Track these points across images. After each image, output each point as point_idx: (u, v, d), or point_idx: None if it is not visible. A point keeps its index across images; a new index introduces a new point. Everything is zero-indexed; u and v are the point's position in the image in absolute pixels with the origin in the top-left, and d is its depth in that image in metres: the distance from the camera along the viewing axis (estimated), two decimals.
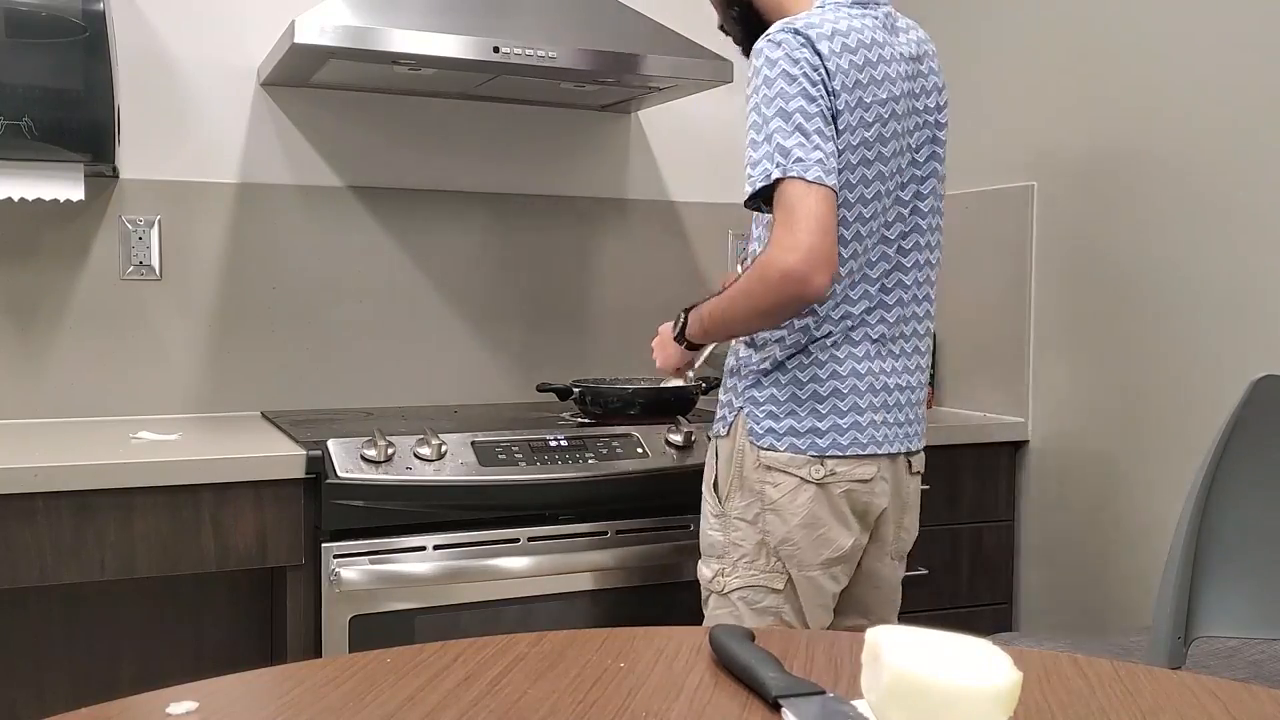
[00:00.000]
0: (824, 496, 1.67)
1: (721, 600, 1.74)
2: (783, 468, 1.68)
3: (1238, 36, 1.96)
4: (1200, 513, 1.42)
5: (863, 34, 1.63)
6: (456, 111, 2.58)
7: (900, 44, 1.69)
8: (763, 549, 1.70)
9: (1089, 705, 0.88)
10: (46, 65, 1.96)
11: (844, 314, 1.69)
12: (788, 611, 1.71)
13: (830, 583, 1.72)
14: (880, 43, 1.65)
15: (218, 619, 2.33)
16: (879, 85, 1.63)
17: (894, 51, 1.67)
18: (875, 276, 1.70)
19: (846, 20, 1.63)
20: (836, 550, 1.69)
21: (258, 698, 0.88)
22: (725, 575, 1.73)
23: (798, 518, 1.67)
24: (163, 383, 2.36)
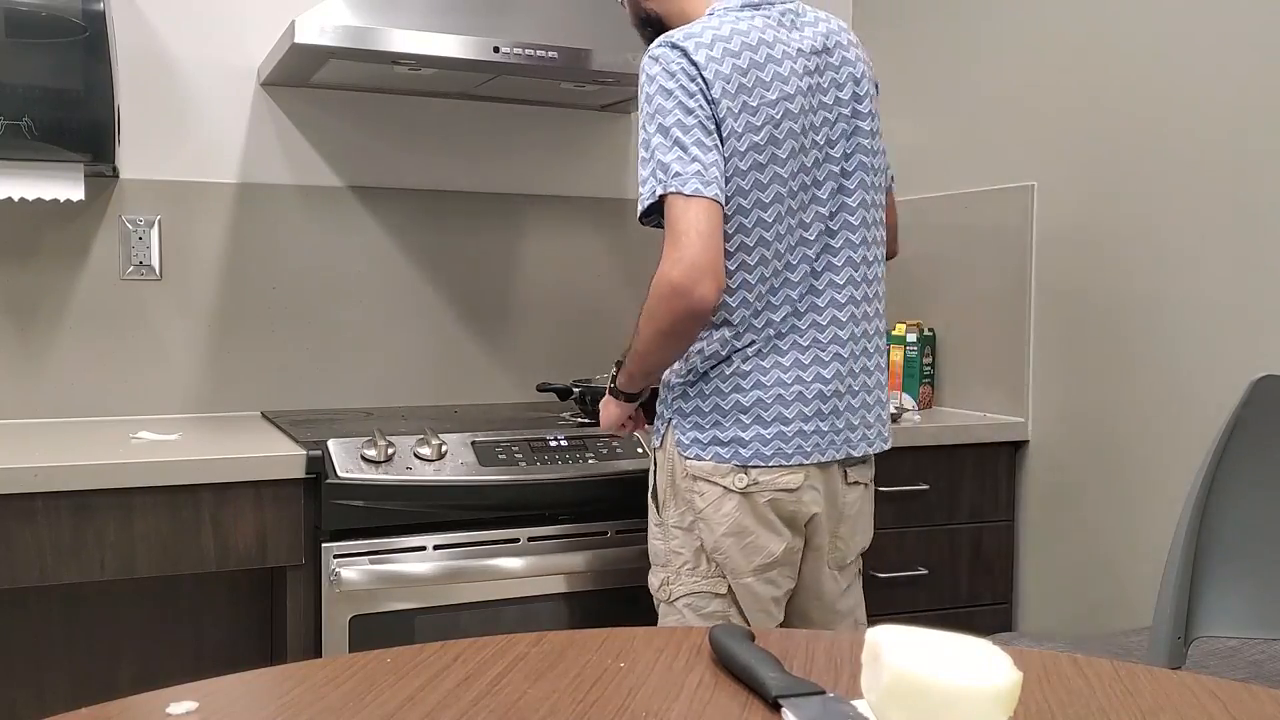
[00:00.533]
0: (748, 505, 1.66)
1: (669, 609, 1.74)
2: (707, 477, 1.67)
3: (1238, 36, 1.96)
4: (1200, 513, 1.42)
5: (748, 35, 1.62)
6: (456, 111, 2.58)
7: (800, 39, 1.66)
8: (701, 555, 1.70)
9: (1089, 705, 0.88)
10: (46, 65, 1.96)
11: (765, 321, 1.66)
12: (734, 615, 1.70)
13: (768, 588, 1.70)
14: (770, 42, 1.63)
15: (218, 619, 2.33)
16: (767, 86, 1.61)
17: (790, 49, 1.64)
18: (796, 280, 1.66)
19: (731, 25, 1.62)
20: (768, 556, 1.68)
21: (258, 698, 0.88)
22: (670, 584, 1.74)
23: (724, 526, 1.67)
24: (163, 383, 2.36)
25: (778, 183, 1.63)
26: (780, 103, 1.62)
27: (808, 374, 1.67)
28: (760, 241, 1.63)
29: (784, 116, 1.62)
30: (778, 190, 1.63)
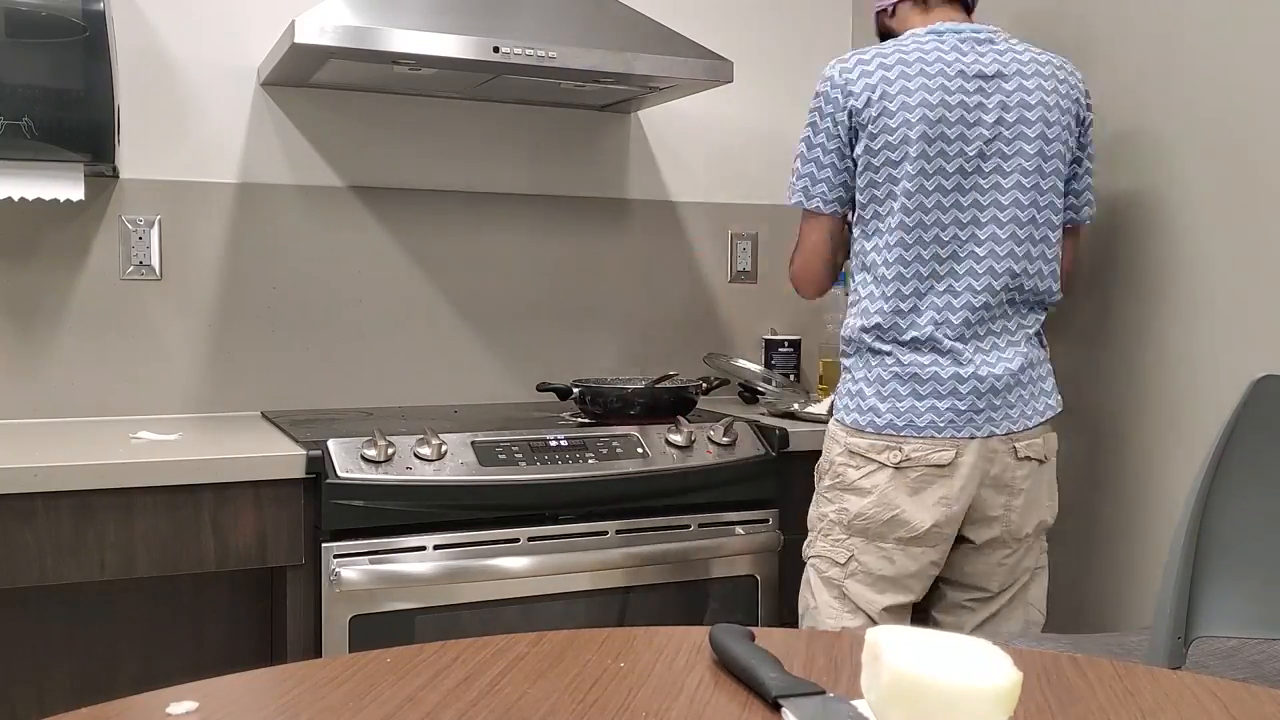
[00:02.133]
0: (901, 479, 1.82)
1: (806, 567, 1.96)
2: (863, 452, 1.85)
3: (1237, 34, 1.96)
4: (1200, 513, 1.42)
5: (909, 53, 1.84)
6: (456, 111, 2.58)
7: (968, 63, 1.84)
8: (836, 525, 1.88)
9: (1089, 705, 0.88)
10: (46, 65, 1.96)
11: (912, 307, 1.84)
12: (849, 586, 1.88)
13: (906, 560, 1.84)
14: (930, 60, 1.83)
15: (218, 619, 2.33)
16: (909, 94, 1.81)
17: (950, 69, 1.83)
18: (942, 273, 1.84)
19: (902, 48, 1.85)
20: (910, 531, 1.83)
21: (258, 698, 0.88)
22: (810, 545, 1.95)
23: (873, 496, 1.84)
24: (163, 383, 2.36)
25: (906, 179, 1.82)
26: (918, 109, 1.81)
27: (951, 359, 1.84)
28: (902, 225, 1.83)
29: (920, 121, 1.81)
30: (906, 187, 1.82)
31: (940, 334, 1.84)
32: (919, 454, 1.82)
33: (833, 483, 1.90)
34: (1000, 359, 1.85)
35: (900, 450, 1.83)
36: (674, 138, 2.78)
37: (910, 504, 1.82)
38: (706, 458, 2.13)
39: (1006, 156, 1.84)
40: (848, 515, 1.86)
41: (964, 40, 1.86)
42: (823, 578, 1.91)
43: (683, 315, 2.80)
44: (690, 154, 2.80)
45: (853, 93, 1.84)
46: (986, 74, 1.84)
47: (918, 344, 1.84)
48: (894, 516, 1.83)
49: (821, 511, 1.93)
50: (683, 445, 2.12)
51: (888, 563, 1.85)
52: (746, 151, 2.84)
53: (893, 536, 1.84)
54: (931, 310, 1.84)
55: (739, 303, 2.85)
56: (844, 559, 1.88)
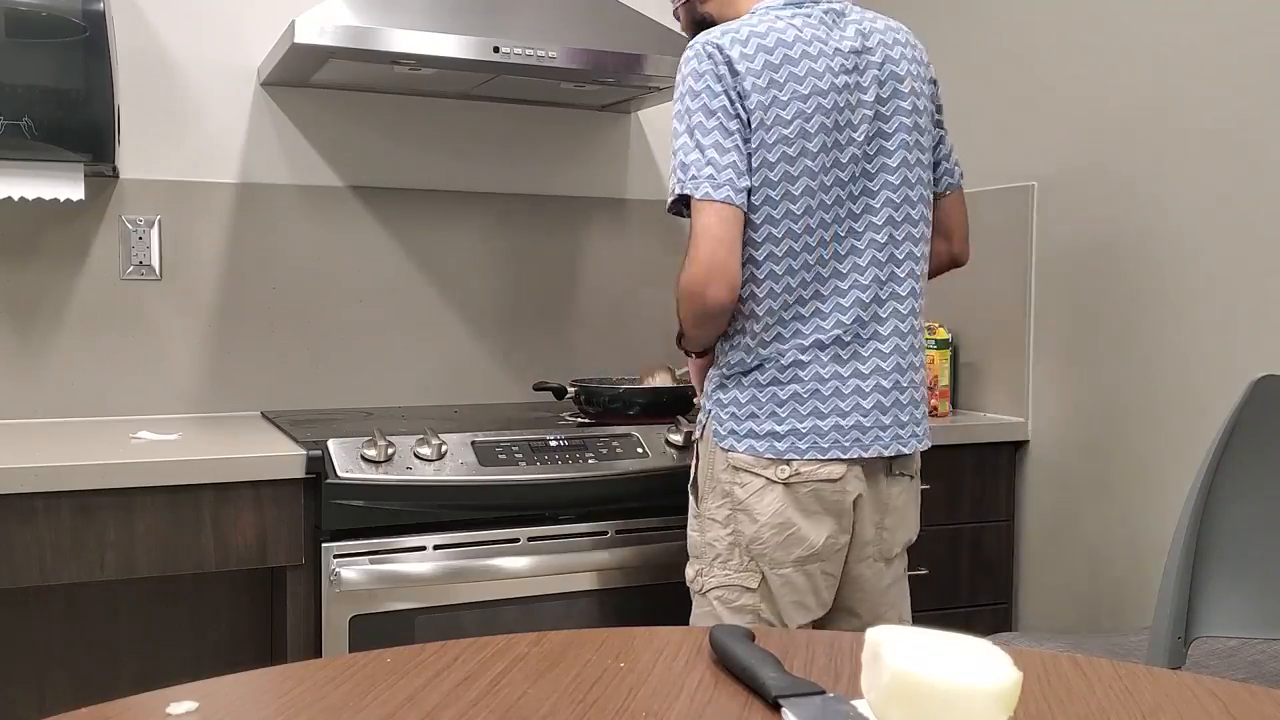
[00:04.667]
0: (791, 496, 1.68)
1: (701, 600, 1.76)
2: (748, 468, 1.69)
3: (1238, 36, 1.96)
4: (1200, 513, 1.42)
5: (784, 33, 1.65)
6: (456, 111, 2.58)
7: (839, 38, 1.69)
8: (735, 549, 1.71)
9: (1089, 705, 0.88)
10: (46, 65, 1.96)
11: (794, 315, 1.68)
12: (765, 610, 1.71)
13: (805, 580, 1.71)
14: (807, 39, 1.66)
15: (218, 619, 2.33)
16: (800, 81, 1.64)
17: (828, 47, 1.67)
18: (827, 276, 1.69)
19: (769, 23, 1.66)
20: (808, 548, 1.69)
21: (258, 698, 0.88)
22: (703, 575, 1.75)
23: (765, 517, 1.68)
24: (163, 383, 2.36)
25: (808, 176, 1.65)
26: (812, 97, 1.64)
27: (844, 370, 1.69)
28: (789, 234, 1.66)
29: (815, 111, 1.65)
30: (808, 184, 1.66)
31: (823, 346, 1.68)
32: (809, 469, 1.67)
33: (721, 503, 1.72)
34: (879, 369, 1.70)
35: (789, 465, 1.67)
36: None
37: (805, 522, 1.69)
38: None
39: (888, 136, 1.70)
40: (744, 539, 1.70)
41: (826, 13, 1.70)
42: (732, 608, 1.72)
43: None
44: None
45: (737, 73, 1.62)
46: (856, 49, 1.68)
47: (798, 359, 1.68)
48: (791, 535, 1.68)
49: (711, 537, 1.73)
50: (682, 445, 2.12)
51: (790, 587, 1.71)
52: None
53: (790, 559, 1.69)
54: (817, 319, 1.68)
55: None
56: (755, 583, 1.70)
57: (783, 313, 1.68)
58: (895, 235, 1.72)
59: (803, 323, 1.69)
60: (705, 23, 1.83)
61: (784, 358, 1.69)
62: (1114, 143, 2.19)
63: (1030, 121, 2.38)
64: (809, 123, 1.64)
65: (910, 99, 1.73)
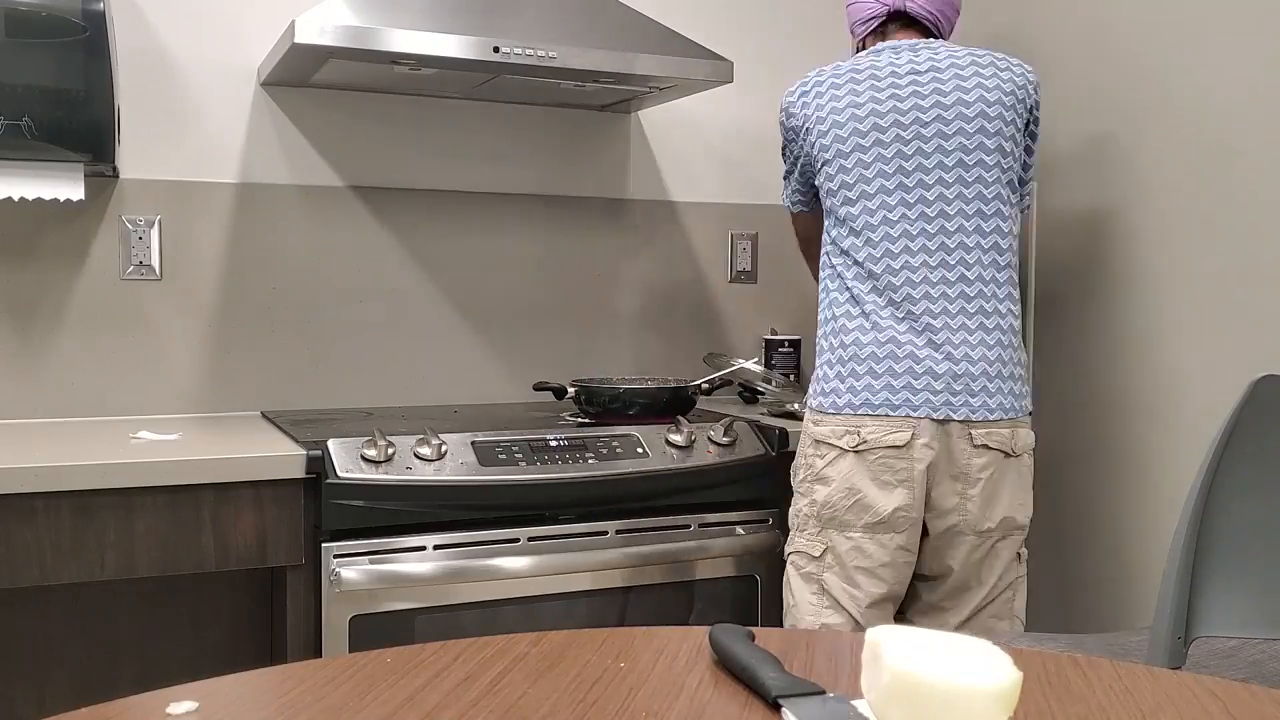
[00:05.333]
0: (861, 464, 1.84)
1: (787, 566, 1.97)
2: (826, 439, 1.88)
3: (1239, 35, 1.96)
4: (1200, 513, 1.42)
5: (859, 63, 1.96)
6: (456, 111, 2.58)
7: (909, 63, 1.93)
8: (810, 519, 1.91)
9: (1089, 705, 0.88)
10: (46, 65, 1.96)
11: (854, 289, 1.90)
12: (827, 579, 1.89)
13: (877, 549, 1.85)
14: (881, 65, 1.94)
15: (218, 619, 2.33)
16: (858, 95, 1.92)
17: (881, 72, 1.93)
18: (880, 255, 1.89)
19: (851, 62, 1.97)
20: (875, 515, 1.84)
21: (258, 698, 0.88)
22: (788, 543, 1.97)
23: (837, 482, 1.86)
24: (163, 383, 2.36)
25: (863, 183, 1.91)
26: (847, 109, 1.92)
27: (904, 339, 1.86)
28: (866, 225, 1.90)
29: (850, 120, 1.92)
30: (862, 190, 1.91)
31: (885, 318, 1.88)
32: (875, 436, 1.84)
33: (804, 475, 1.93)
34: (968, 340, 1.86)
35: (857, 434, 1.85)
36: (674, 138, 2.78)
37: (873, 488, 1.84)
38: (706, 458, 2.14)
39: (947, 137, 1.89)
40: (816, 506, 1.89)
41: (902, 50, 1.95)
42: (801, 574, 1.92)
43: (683, 315, 2.80)
44: (690, 154, 2.80)
45: (793, 113, 2.01)
46: (918, 69, 1.92)
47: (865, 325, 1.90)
48: (857, 502, 1.85)
49: (797, 507, 1.95)
50: (683, 445, 2.12)
51: (859, 553, 1.87)
52: (746, 151, 2.84)
53: (859, 524, 1.85)
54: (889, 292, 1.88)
55: (739, 303, 2.85)
56: (819, 551, 1.89)
57: (848, 294, 1.91)
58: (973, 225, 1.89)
59: (864, 297, 1.89)
60: None
61: (850, 326, 1.89)
62: (1114, 142, 2.19)
63: None
64: (842, 129, 1.92)
65: (978, 106, 1.90)
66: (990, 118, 1.90)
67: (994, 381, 1.87)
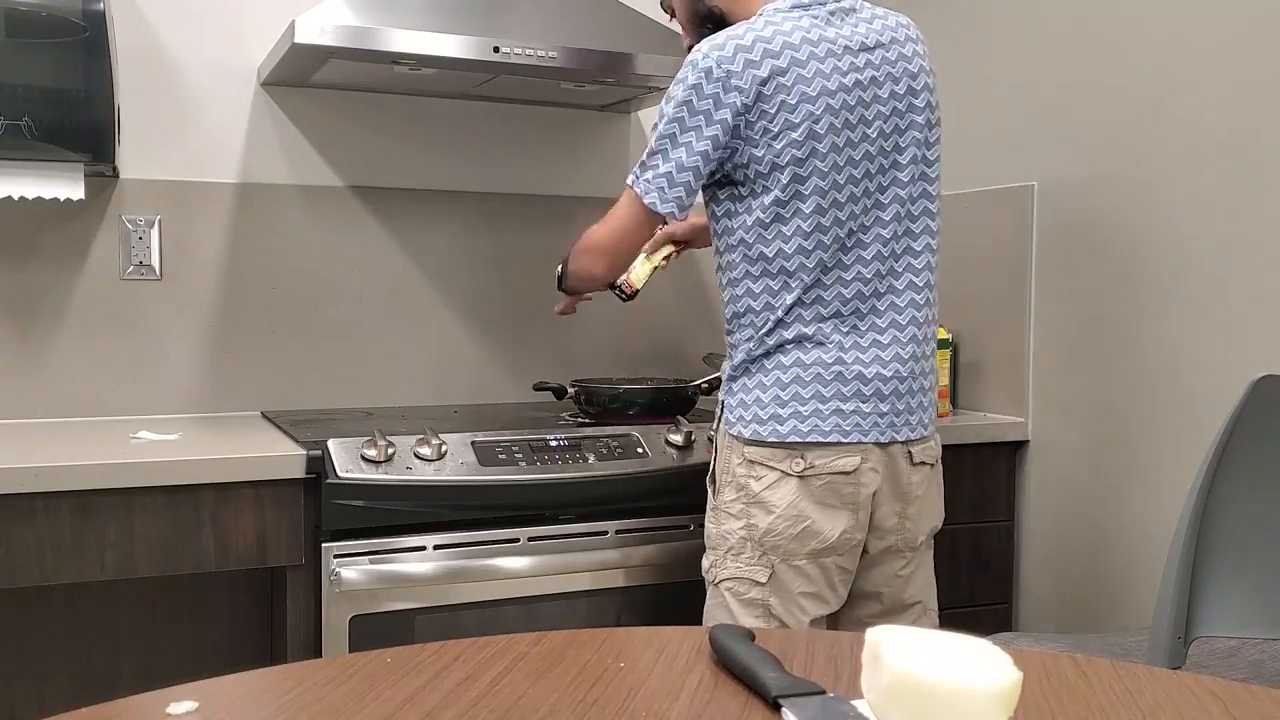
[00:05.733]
0: (806, 489, 1.70)
1: (714, 591, 1.78)
2: (764, 461, 1.71)
3: (1239, 36, 1.96)
4: (1200, 513, 1.42)
5: (790, 35, 1.67)
6: (456, 111, 2.58)
7: (849, 36, 1.70)
8: (747, 542, 1.73)
9: (1089, 705, 0.88)
10: (46, 65, 1.96)
11: (798, 303, 1.71)
12: (774, 604, 1.73)
13: (819, 573, 1.73)
14: (815, 40, 1.68)
15: (218, 619, 2.33)
16: (807, 83, 1.66)
17: (836, 46, 1.69)
18: (831, 267, 1.71)
19: (775, 26, 1.68)
20: (822, 541, 1.70)
21: (258, 698, 0.88)
22: (716, 567, 1.78)
23: (780, 509, 1.70)
24: (163, 383, 2.36)
25: (818, 176, 1.68)
26: (820, 98, 1.66)
27: (850, 356, 1.72)
28: (799, 232, 1.69)
29: (825, 112, 1.66)
30: (818, 184, 1.68)
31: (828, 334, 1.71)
32: (822, 461, 1.70)
33: (735, 496, 1.75)
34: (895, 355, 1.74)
35: (803, 458, 1.70)
36: None
37: (819, 514, 1.71)
38: (706, 458, 2.13)
39: (902, 132, 1.73)
40: (758, 532, 1.72)
41: (833, 13, 1.71)
42: (742, 600, 1.74)
43: (683, 315, 2.80)
44: None
45: (739, 87, 1.64)
46: (868, 46, 1.71)
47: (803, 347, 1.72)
48: (805, 529, 1.70)
49: (727, 528, 1.76)
50: (682, 445, 2.12)
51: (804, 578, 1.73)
52: None
53: (804, 551, 1.71)
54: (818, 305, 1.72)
55: None
56: (765, 578, 1.73)
57: (791, 306, 1.71)
58: (899, 230, 1.75)
59: (805, 309, 1.71)
60: (711, 17, 1.83)
61: (790, 347, 1.71)
62: (1114, 143, 2.19)
63: (1030, 121, 2.38)
64: (818, 124, 1.66)
65: (924, 95, 1.76)
66: (933, 107, 1.78)
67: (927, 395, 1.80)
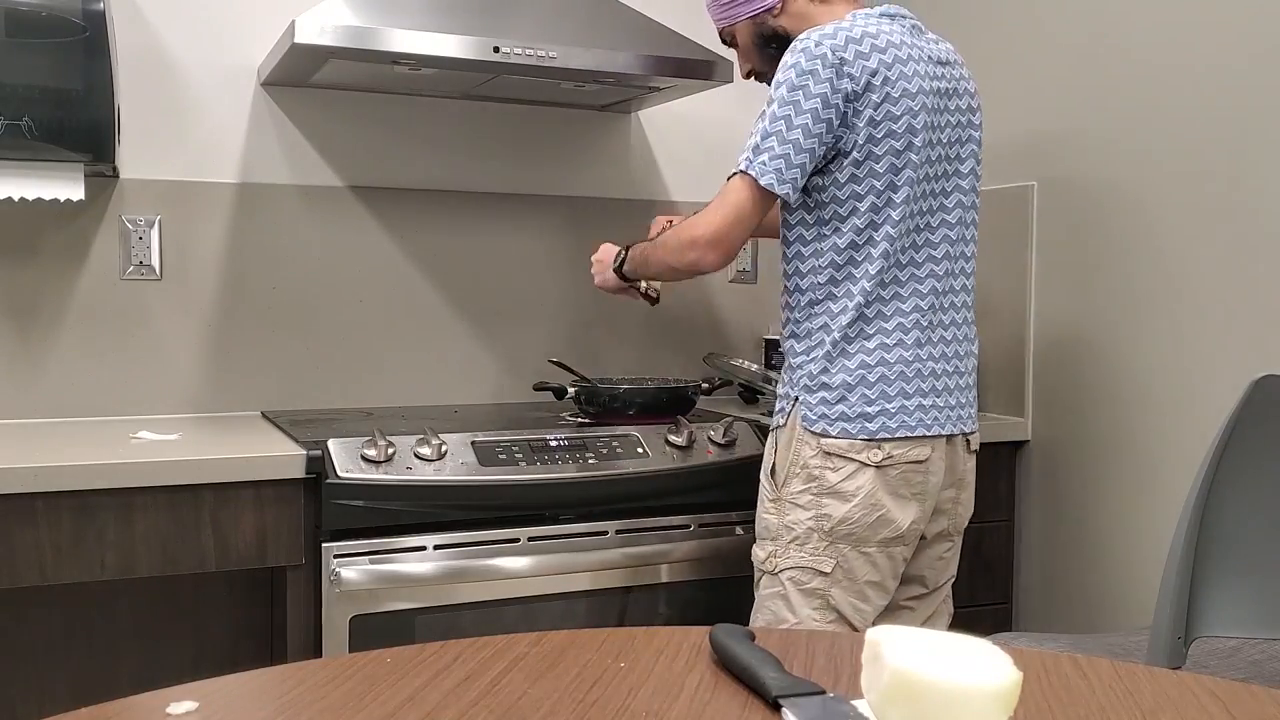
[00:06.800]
0: (882, 479, 1.77)
1: (772, 579, 1.83)
2: (842, 453, 1.78)
3: (1238, 36, 1.96)
4: (1200, 513, 1.42)
5: (891, 36, 1.76)
6: (456, 111, 2.58)
7: (929, 49, 1.81)
8: (814, 533, 1.79)
9: (1089, 705, 0.88)
10: (46, 65, 1.96)
11: (878, 300, 1.78)
12: (834, 595, 1.80)
13: (887, 562, 1.81)
14: (909, 44, 1.77)
15: (218, 619, 2.33)
16: (909, 80, 1.74)
17: (922, 54, 1.79)
18: (905, 264, 1.80)
19: (876, 25, 1.77)
20: (894, 530, 1.78)
21: (258, 698, 0.88)
22: (777, 556, 1.83)
23: (858, 498, 1.77)
24: (163, 383, 2.36)
25: (910, 169, 1.75)
26: (919, 97, 1.75)
27: (923, 352, 1.80)
28: (887, 237, 1.76)
29: (921, 110, 1.75)
30: (909, 176, 1.75)
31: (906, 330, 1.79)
32: (899, 452, 1.78)
33: (805, 487, 1.79)
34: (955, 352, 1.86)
35: (881, 449, 1.78)
36: (674, 138, 2.78)
37: (894, 504, 1.78)
38: (706, 458, 2.13)
39: (963, 144, 1.85)
40: (829, 521, 1.77)
41: (912, 28, 1.83)
42: (803, 589, 1.79)
43: (683, 315, 2.80)
44: (690, 154, 2.79)
45: (851, 74, 1.69)
46: (944, 60, 1.83)
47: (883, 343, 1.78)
48: (880, 517, 1.78)
49: (792, 518, 1.80)
50: (683, 445, 2.12)
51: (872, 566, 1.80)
52: None
53: (876, 539, 1.78)
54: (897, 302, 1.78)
55: (739, 303, 2.85)
56: (829, 567, 1.78)
57: (869, 301, 1.78)
58: (963, 234, 1.86)
59: (884, 305, 1.79)
60: (776, 37, 1.90)
61: (870, 342, 1.78)
62: (1114, 143, 2.19)
63: (1030, 121, 2.38)
64: (915, 120, 1.74)
65: (979, 114, 1.89)
66: (978, 124, 1.90)
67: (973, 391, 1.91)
